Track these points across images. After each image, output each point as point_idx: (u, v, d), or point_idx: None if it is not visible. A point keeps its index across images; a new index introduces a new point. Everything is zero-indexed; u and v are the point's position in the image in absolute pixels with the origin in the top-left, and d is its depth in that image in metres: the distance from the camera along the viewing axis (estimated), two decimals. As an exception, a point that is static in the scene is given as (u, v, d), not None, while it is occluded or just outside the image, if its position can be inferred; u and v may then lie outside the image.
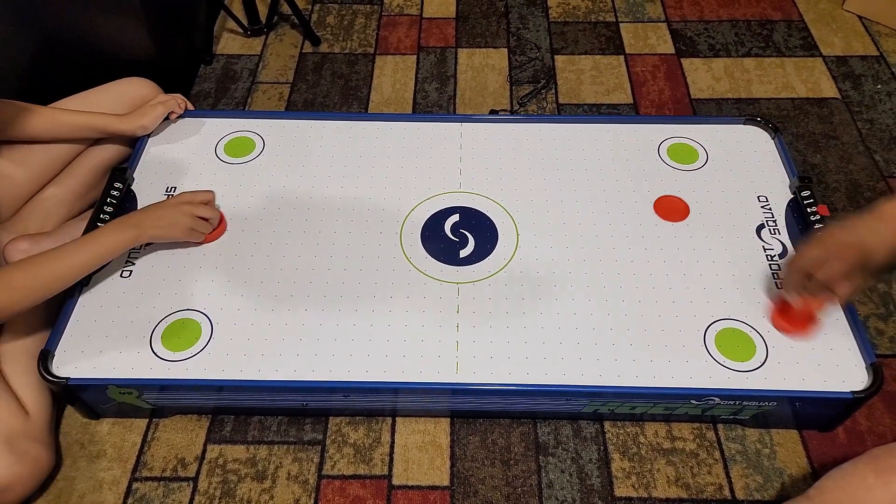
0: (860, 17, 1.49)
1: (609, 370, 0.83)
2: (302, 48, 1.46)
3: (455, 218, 1.00)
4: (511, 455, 0.88)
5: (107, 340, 0.86)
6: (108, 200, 0.97)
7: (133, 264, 0.93)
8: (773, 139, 1.10)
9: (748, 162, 1.06)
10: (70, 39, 1.15)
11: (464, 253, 0.95)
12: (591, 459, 0.87)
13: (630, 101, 1.33)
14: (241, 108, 1.33)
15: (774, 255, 0.94)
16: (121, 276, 0.92)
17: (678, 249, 0.95)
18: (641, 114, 1.30)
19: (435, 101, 1.34)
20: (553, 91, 1.36)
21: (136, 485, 0.86)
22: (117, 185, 0.99)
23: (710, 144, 1.09)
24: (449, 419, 0.91)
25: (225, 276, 0.92)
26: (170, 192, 1.02)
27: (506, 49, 1.45)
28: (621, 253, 0.95)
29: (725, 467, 0.87)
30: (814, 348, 0.84)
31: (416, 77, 1.39)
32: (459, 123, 1.13)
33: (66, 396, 0.85)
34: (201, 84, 1.38)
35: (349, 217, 1.00)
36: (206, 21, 1.44)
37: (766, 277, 0.92)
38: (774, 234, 0.97)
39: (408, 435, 0.90)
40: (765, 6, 1.53)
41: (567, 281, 0.92)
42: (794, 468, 0.86)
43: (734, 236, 0.96)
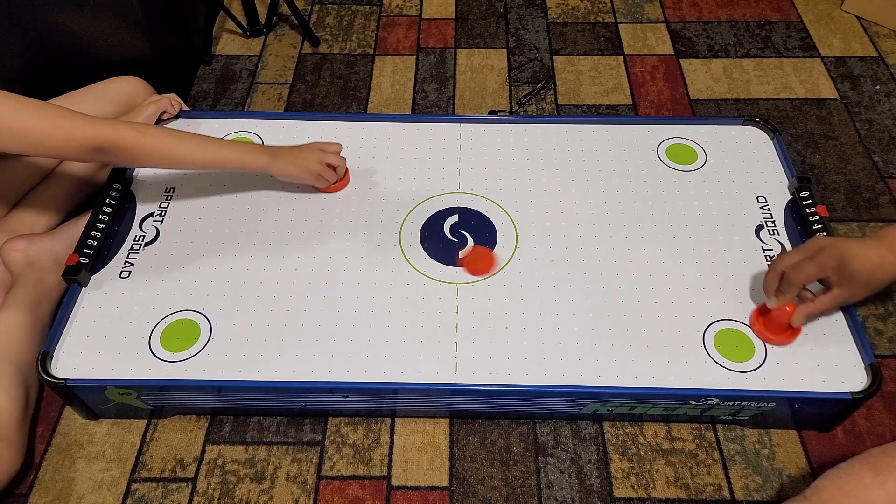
0: (859, 18, 1.49)
1: (608, 371, 0.83)
2: (301, 49, 1.46)
3: (454, 218, 1.00)
4: (510, 455, 0.88)
5: (105, 341, 0.85)
6: (106, 201, 0.97)
7: (132, 265, 0.93)
8: (771, 140, 1.10)
9: (747, 162, 1.06)
10: (68, 40, 1.15)
11: (463, 253, 0.95)
12: (590, 460, 0.87)
13: (629, 101, 1.33)
14: (240, 109, 1.33)
15: (773, 256, 0.94)
16: (120, 277, 0.92)
17: (677, 250, 0.95)
18: (640, 114, 1.30)
19: (434, 101, 1.34)
20: (552, 92, 1.36)
21: (134, 485, 0.85)
22: (116, 185, 0.99)
23: (709, 145, 1.09)
24: (448, 420, 0.91)
25: (224, 276, 0.92)
26: (169, 192, 1.02)
27: (505, 50, 1.45)
28: (620, 253, 0.95)
29: (724, 468, 0.87)
30: (812, 349, 0.84)
31: (416, 77, 1.39)
32: (458, 124, 1.13)
33: (65, 397, 0.85)
34: (200, 84, 1.38)
35: (348, 217, 1.00)
36: (205, 21, 1.44)
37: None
38: (773, 234, 0.97)
39: (407, 435, 0.90)
40: (763, 7, 1.53)
41: (566, 281, 0.92)
42: (793, 468, 0.86)
43: (733, 237, 0.97)
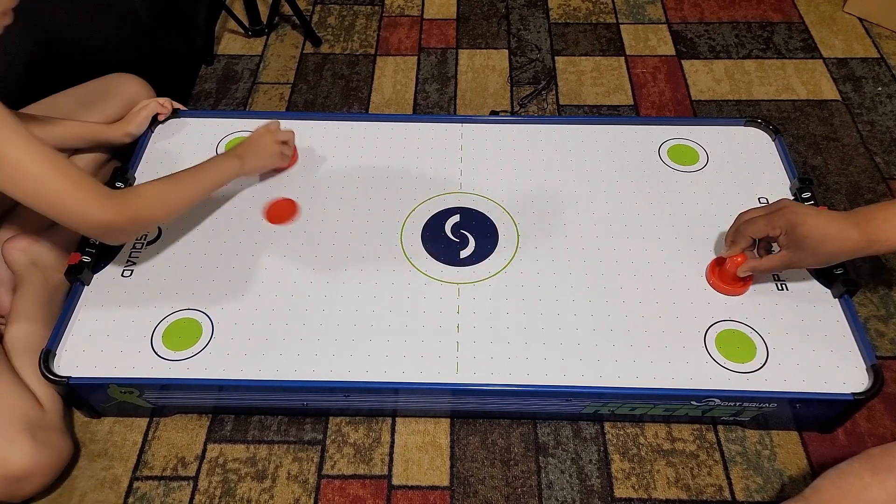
0: (861, 19, 1.49)
1: (609, 371, 0.83)
2: (303, 49, 1.46)
3: (455, 218, 1.00)
4: (511, 455, 0.88)
5: (108, 340, 0.86)
6: (109, 200, 0.97)
7: (134, 264, 0.93)
8: (773, 141, 1.10)
9: (749, 163, 1.06)
10: (70, 39, 1.15)
11: (464, 253, 0.95)
12: (590, 460, 0.87)
13: (630, 102, 1.33)
14: (241, 109, 1.33)
15: (775, 257, 0.94)
16: (122, 276, 0.92)
17: (678, 250, 0.95)
18: (642, 115, 1.31)
19: (435, 101, 1.35)
20: (553, 92, 1.36)
21: (136, 484, 0.86)
22: (119, 184, 1.00)
23: (711, 146, 1.09)
24: (449, 419, 0.91)
25: (226, 275, 0.92)
26: (171, 191, 1.02)
27: (506, 50, 1.45)
28: (622, 254, 0.95)
29: (725, 468, 0.87)
30: (814, 350, 0.84)
31: (417, 78, 1.39)
32: (460, 124, 1.13)
33: (67, 395, 0.85)
34: (202, 84, 1.38)
35: (350, 217, 1.00)
36: (206, 21, 1.44)
37: (766, 279, 0.92)
38: (775, 235, 0.97)
39: (408, 435, 0.90)
40: (765, 8, 1.53)
41: (567, 282, 0.92)
42: (794, 469, 0.86)
43: (734, 237, 0.96)
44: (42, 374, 0.81)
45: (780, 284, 0.91)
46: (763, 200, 1.01)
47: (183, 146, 1.09)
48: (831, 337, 0.86)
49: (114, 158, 1.10)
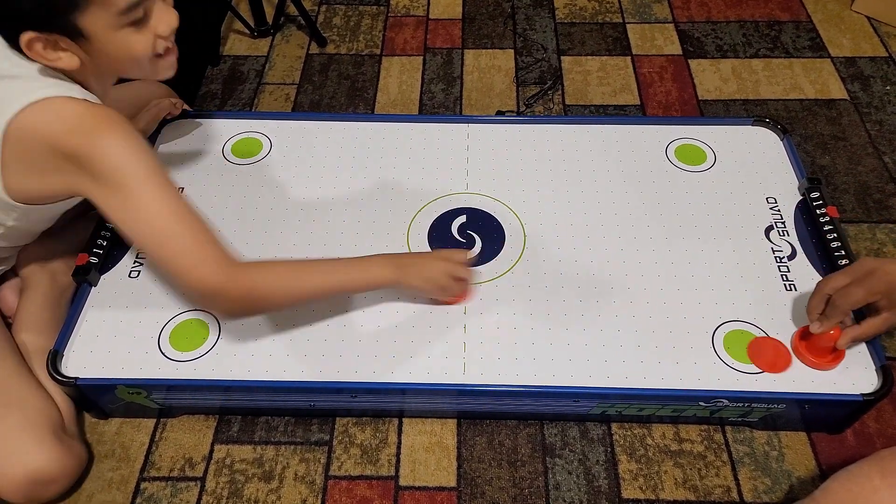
0: (869, 18, 1.48)
1: (617, 372, 0.83)
2: (308, 49, 1.46)
3: (462, 219, 1.00)
4: (518, 456, 0.88)
5: (115, 340, 0.86)
6: (116, 201, 0.97)
7: (141, 265, 0.94)
8: (781, 140, 1.09)
9: (756, 163, 1.06)
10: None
11: (471, 254, 0.95)
12: (598, 461, 0.87)
13: (637, 102, 1.33)
14: (247, 109, 1.33)
15: (783, 257, 0.94)
16: (129, 277, 0.92)
17: (686, 251, 0.95)
18: (649, 115, 1.30)
19: (441, 102, 1.34)
20: (560, 92, 1.35)
21: (144, 484, 0.86)
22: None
23: (718, 145, 1.09)
24: (456, 420, 0.91)
25: (232, 276, 0.92)
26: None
27: (512, 50, 1.45)
28: (629, 254, 0.95)
29: (733, 469, 0.86)
30: (823, 350, 0.84)
31: (423, 78, 1.39)
32: (466, 124, 1.13)
33: (75, 396, 0.86)
34: (208, 85, 1.39)
35: (356, 218, 1.00)
36: (212, 22, 1.44)
37: (774, 279, 0.91)
38: (783, 235, 0.96)
39: (415, 436, 0.89)
40: (773, 7, 1.53)
41: (574, 282, 0.92)
42: (802, 470, 0.86)
43: (743, 238, 0.96)
44: (49, 374, 0.81)
45: (789, 285, 0.90)
46: (771, 200, 1.00)
47: (189, 146, 1.09)
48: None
49: None
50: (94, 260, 0.91)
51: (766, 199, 1.01)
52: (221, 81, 1.39)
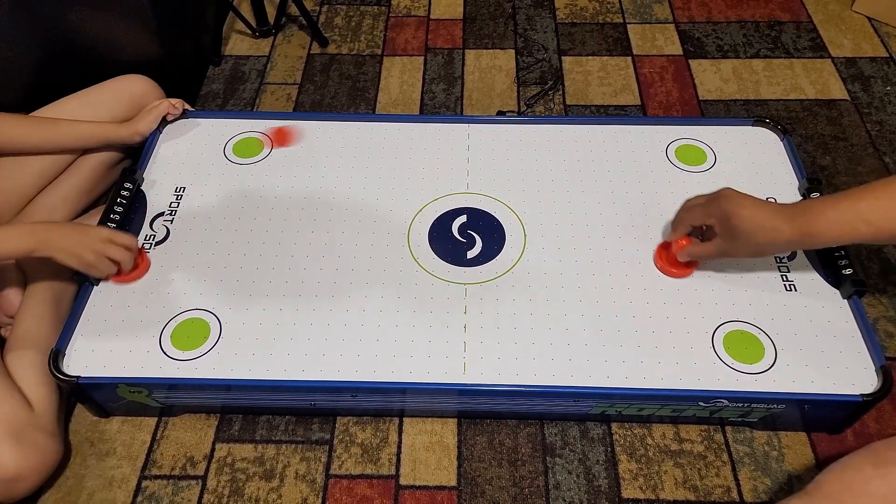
0: (869, 19, 1.48)
1: (617, 371, 0.83)
2: (310, 49, 1.46)
3: (462, 219, 1.00)
4: (518, 456, 0.88)
5: (117, 339, 0.86)
6: (118, 201, 0.98)
7: (142, 264, 0.94)
8: (781, 141, 1.09)
9: (757, 163, 1.06)
10: (78, 40, 1.16)
11: (471, 254, 0.95)
12: (598, 461, 0.87)
13: (638, 102, 1.33)
14: (249, 109, 1.34)
15: (783, 258, 0.94)
16: (130, 276, 0.92)
17: (686, 251, 0.95)
18: (649, 115, 1.30)
19: (442, 102, 1.35)
20: (560, 92, 1.36)
21: (145, 483, 0.86)
22: (127, 185, 1.00)
23: (719, 146, 1.09)
24: (456, 420, 0.91)
25: (233, 276, 0.93)
26: (179, 192, 1.03)
27: (513, 50, 1.45)
28: (629, 254, 0.95)
29: (733, 469, 0.86)
30: (823, 351, 0.84)
31: (424, 78, 1.39)
32: (467, 125, 1.13)
33: (77, 395, 0.86)
34: (210, 85, 1.39)
35: (357, 217, 1.00)
36: (214, 22, 1.45)
37: (774, 279, 0.91)
38: (783, 235, 0.96)
39: (415, 435, 0.90)
40: (773, 7, 1.53)
41: (575, 282, 0.92)
42: (802, 470, 0.86)
43: (742, 238, 0.96)
44: (51, 373, 0.82)
45: (789, 285, 0.91)
46: (771, 200, 1.00)
47: (191, 146, 1.10)
48: (840, 338, 0.85)
49: (128, 158, 1.11)
50: (95, 259, 0.91)
51: (767, 199, 1.01)
52: (223, 81, 1.39)
